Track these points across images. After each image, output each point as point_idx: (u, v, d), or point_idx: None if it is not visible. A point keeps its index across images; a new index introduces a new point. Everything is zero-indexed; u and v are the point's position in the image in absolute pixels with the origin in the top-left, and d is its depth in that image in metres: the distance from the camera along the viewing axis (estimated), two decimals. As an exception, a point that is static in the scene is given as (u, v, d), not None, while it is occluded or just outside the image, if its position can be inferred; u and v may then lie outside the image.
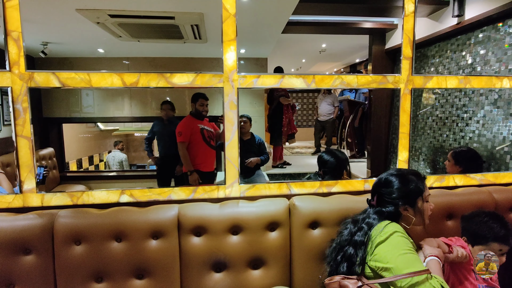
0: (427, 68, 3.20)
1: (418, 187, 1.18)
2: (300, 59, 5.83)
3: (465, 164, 2.00)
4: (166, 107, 3.25)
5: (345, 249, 1.17)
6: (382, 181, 1.23)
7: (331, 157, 1.91)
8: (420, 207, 1.18)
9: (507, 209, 1.65)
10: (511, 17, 2.20)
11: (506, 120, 2.21)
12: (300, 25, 3.23)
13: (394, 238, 1.07)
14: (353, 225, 1.21)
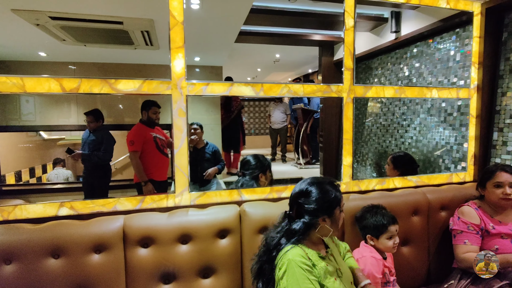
0: (371, 79, 3.45)
1: (337, 197, 1.15)
2: (255, 69, 5.95)
3: (402, 167, 2.17)
4: (88, 119, 2.98)
5: (264, 266, 1.12)
6: (301, 192, 1.16)
7: (253, 160, 2.02)
8: (337, 217, 1.15)
9: (438, 208, 1.82)
10: (439, 34, 2.46)
11: (438, 127, 2.45)
12: (253, 35, 3.30)
13: (289, 272, 1.04)
14: (271, 241, 1.15)
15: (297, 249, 1.08)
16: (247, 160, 2.07)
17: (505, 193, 1.56)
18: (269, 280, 1.10)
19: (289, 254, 1.07)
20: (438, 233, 1.80)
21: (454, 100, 2.25)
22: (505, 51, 1.98)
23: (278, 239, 1.13)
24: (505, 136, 1.99)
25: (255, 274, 1.15)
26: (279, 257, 1.09)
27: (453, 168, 2.27)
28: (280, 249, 1.11)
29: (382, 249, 1.44)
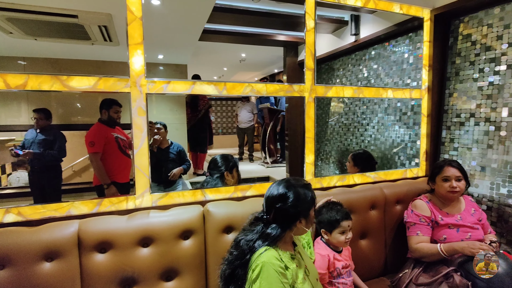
0: (333, 79, 3.56)
1: (313, 198, 1.18)
2: (221, 68, 5.91)
3: (362, 164, 2.27)
4: (38, 116, 2.81)
5: (237, 271, 1.11)
6: (278, 196, 1.15)
7: (220, 160, 2.05)
8: (312, 217, 1.19)
9: (394, 202, 1.93)
10: (394, 38, 2.60)
11: (394, 126, 2.59)
12: (218, 34, 3.28)
13: (263, 275, 1.04)
14: (246, 244, 1.13)
15: (271, 251, 1.09)
16: (214, 160, 2.07)
17: (451, 186, 1.68)
18: (242, 285, 1.09)
19: (264, 256, 1.07)
20: (393, 225, 1.90)
21: (408, 100, 2.39)
22: (452, 55, 2.14)
23: (253, 243, 1.12)
24: (452, 134, 2.16)
25: (226, 279, 1.12)
26: (253, 259, 1.09)
27: (408, 164, 2.42)
28: (254, 251, 1.10)
29: (335, 244, 1.48)
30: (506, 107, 1.84)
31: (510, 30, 1.82)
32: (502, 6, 1.85)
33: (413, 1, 2.04)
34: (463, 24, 2.07)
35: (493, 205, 1.92)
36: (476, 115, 2.00)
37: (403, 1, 2.02)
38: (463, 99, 2.08)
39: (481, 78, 1.97)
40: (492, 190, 1.92)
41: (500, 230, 1.89)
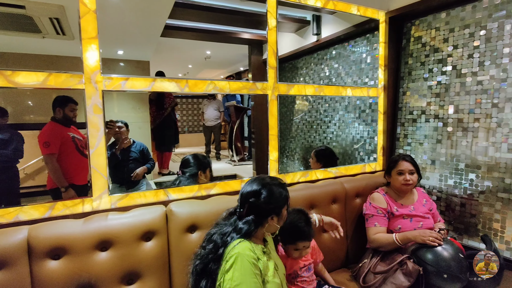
0: (297, 78, 3.64)
1: (286, 197, 1.22)
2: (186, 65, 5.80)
3: (324, 160, 2.35)
4: None
5: (209, 264, 1.12)
6: (253, 192, 1.19)
7: (193, 159, 2.04)
8: (284, 215, 1.22)
9: (354, 195, 2.01)
10: (353, 39, 2.71)
11: (354, 123, 2.70)
12: (181, 30, 3.21)
13: (237, 265, 1.06)
14: (220, 238, 1.17)
15: (246, 243, 1.12)
16: (187, 159, 2.06)
17: (405, 180, 1.79)
18: (214, 280, 1.10)
19: (238, 247, 1.09)
20: (354, 218, 1.99)
21: (366, 98, 2.51)
22: (405, 55, 2.28)
23: (227, 236, 1.15)
24: (406, 130, 2.30)
25: (198, 274, 1.14)
26: (227, 251, 1.11)
27: (367, 159, 2.54)
28: (227, 245, 1.13)
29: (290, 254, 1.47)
30: (452, 104, 1.99)
31: (455, 33, 1.97)
32: (448, 11, 2.00)
33: (370, 4, 2.14)
34: (415, 27, 2.21)
35: (442, 196, 2.07)
36: (427, 112, 2.15)
37: (360, 3, 2.11)
38: (415, 97, 2.23)
39: (431, 77, 2.12)
40: (441, 182, 2.07)
41: (448, 218, 2.05)
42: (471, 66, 1.89)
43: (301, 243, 1.40)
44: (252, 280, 1.07)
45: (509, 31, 1.72)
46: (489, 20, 1.80)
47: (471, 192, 1.91)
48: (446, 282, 1.50)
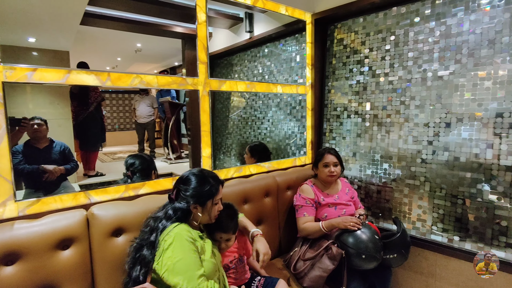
0: (232, 74, 3.65)
1: (211, 190, 1.28)
2: (115, 57, 5.38)
3: (258, 155, 2.41)
4: None
5: (143, 251, 1.17)
6: (183, 178, 1.31)
7: (138, 159, 1.91)
8: (208, 208, 1.29)
9: (285, 188, 2.10)
10: (284, 38, 2.82)
11: (286, 119, 2.82)
12: (106, 19, 2.96)
13: (176, 243, 1.14)
14: (154, 222, 1.24)
15: (183, 225, 1.21)
16: (133, 162, 1.96)
17: (330, 171, 1.93)
18: (148, 264, 1.14)
19: (176, 229, 1.17)
20: (285, 210, 2.09)
21: (296, 95, 2.63)
22: (329, 56, 2.45)
23: (159, 221, 1.22)
24: (331, 125, 2.48)
25: (133, 259, 1.19)
26: (164, 234, 1.17)
27: (298, 153, 2.67)
28: (163, 229, 1.19)
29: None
30: (369, 102, 2.21)
31: (370, 37, 2.18)
32: (364, 17, 2.20)
33: (298, 5, 2.25)
34: (337, 29, 2.39)
35: (362, 184, 2.29)
36: (348, 109, 2.35)
37: (289, 4, 2.20)
38: (338, 95, 2.41)
39: (351, 77, 2.31)
40: (361, 172, 2.29)
41: (367, 204, 2.27)
42: (384, 68, 2.11)
43: (219, 234, 1.42)
44: (192, 255, 1.15)
45: (412, 37, 1.96)
46: (397, 27, 2.03)
47: (385, 180, 2.15)
48: (364, 262, 1.67)
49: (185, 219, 1.25)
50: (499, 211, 1.67)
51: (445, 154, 1.85)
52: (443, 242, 1.88)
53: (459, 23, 1.77)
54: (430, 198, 1.93)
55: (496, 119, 1.66)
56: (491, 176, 1.69)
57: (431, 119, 1.90)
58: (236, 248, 1.55)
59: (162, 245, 1.14)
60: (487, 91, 1.68)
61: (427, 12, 1.89)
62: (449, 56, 1.81)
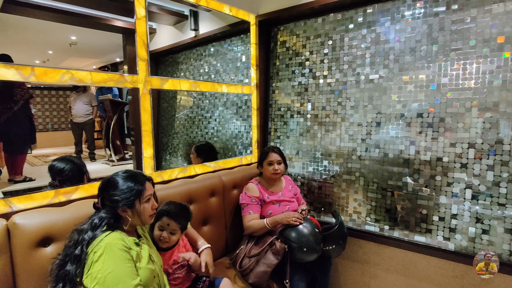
0: (178, 73, 3.56)
1: (137, 190, 1.19)
2: (46, 50, 4.89)
3: (204, 155, 2.39)
4: None
5: (66, 266, 1.07)
6: (105, 183, 1.20)
7: (67, 164, 1.73)
8: (138, 209, 1.20)
9: (231, 187, 2.12)
10: (229, 38, 2.82)
11: (232, 118, 2.83)
12: (31, 8, 2.68)
13: (107, 254, 1.06)
14: (78, 235, 1.12)
15: (115, 233, 1.12)
16: (61, 168, 1.71)
17: (274, 169, 1.99)
18: (73, 280, 1.05)
19: (107, 238, 1.09)
20: (232, 209, 2.10)
21: (242, 95, 2.66)
22: (273, 57, 2.52)
23: (85, 233, 1.11)
24: (275, 125, 2.55)
25: (56, 277, 1.08)
26: (93, 245, 1.08)
27: (244, 152, 2.70)
28: (91, 240, 1.10)
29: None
30: (310, 102, 2.32)
31: (310, 41, 2.29)
32: (305, 21, 2.30)
33: (242, 6, 2.27)
34: (280, 32, 2.47)
35: (304, 181, 2.40)
36: (291, 109, 2.44)
37: (233, 4, 2.21)
38: (282, 96, 2.49)
39: (293, 78, 2.41)
40: (303, 169, 2.40)
41: (309, 200, 2.38)
42: (322, 70, 2.23)
43: (167, 219, 1.42)
44: (125, 266, 1.08)
45: (347, 42, 2.11)
46: (334, 32, 2.16)
47: (325, 176, 2.28)
48: (306, 254, 1.75)
49: (117, 226, 1.17)
50: (420, 201, 1.87)
51: (376, 151, 2.02)
52: (376, 232, 2.05)
53: (387, 32, 1.95)
54: (364, 192, 2.09)
55: (417, 118, 1.86)
56: (413, 170, 1.89)
57: (364, 119, 2.06)
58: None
59: (91, 257, 1.06)
60: (410, 94, 1.88)
61: (360, 19, 2.04)
62: (378, 61, 1.98)
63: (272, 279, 1.81)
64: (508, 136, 1.59)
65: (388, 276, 2.00)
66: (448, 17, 1.74)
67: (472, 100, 1.68)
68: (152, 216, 1.26)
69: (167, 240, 1.42)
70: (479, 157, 1.67)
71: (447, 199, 1.78)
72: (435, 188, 1.82)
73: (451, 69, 1.73)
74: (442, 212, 1.80)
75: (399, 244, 1.94)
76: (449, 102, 1.75)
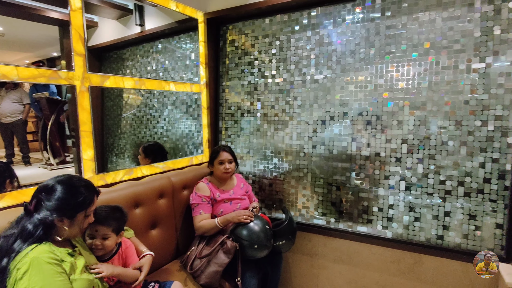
0: (123, 70, 3.37)
1: (84, 202, 1.13)
2: (-34, 41, 4.31)
3: (153, 156, 2.30)
4: None
5: None
6: (47, 187, 1.11)
7: None
8: (78, 221, 1.13)
9: (181, 188, 2.07)
10: (178, 35, 2.75)
11: (182, 117, 2.76)
12: None
13: (33, 270, 0.96)
14: (6, 243, 1.01)
15: (43, 246, 1.02)
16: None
17: (225, 168, 1.98)
18: None
19: (33, 253, 0.98)
20: (182, 210, 2.05)
21: (192, 93, 2.61)
22: (222, 56, 2.51)
23: (14, 240, 1.01)
24: (226, 124, 2.55)
25: None
26: (16, 261, 0.97)
27: (195, 152, 2.66)
28: (16, 254, 0.99)
29: None
30: (259, 101, 2.35)
31: (259, 41, 2.32)
32: (253, 21, 2.33)
33: (189, 3, 2.22)
34: (229, 30, 2.46)
35: (256, 179, 2.43)
36: (241, 107, 2.45)
37: (180, 1, 2.15)
38: (232, 94, 2.50)
39: (243, 77, 2.42)
40: (255, 167, 2.43)
41: (261, 197, 2.42)
42: (271, 70, 2.28)
43: (93, 225, 1.30)
44: (55, 280, 0.98)
45: (293, 43, 2.18)
46: (281, 33, 2.22)
47: (276, 173, 2.33)
48: (257, 251, 1.78)
49: (46, 237, 1.06)
50: (362, 193, 2.01)
51: (322, 147, 2.12)
52: (323, 225, 2.15)
53: (330, 34, 2.05)
54: (311, 187, 2.18)
55: (358, 117, 1.99)
56: (356, 165, 2.01)
57: (310, 118, 2.15)
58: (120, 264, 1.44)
59: (14, 274, 0.95)
60: (351, 94, 2.00)
61: (305, 22, 2.12)
62: (322, 62, 2.08)
63: (224, 278, 1.80)
64: (435, 132, 1.77)
65: (335, 266, 2.11)
66: (383, 23, 1.88)
67: (404, 99, 1.84)
68: (84, 229, 1.20)
69: (101, 247, 1.33)
70: (411, 152, 1.84)
71: (385, 191, 1.93)
72: (375, 181, 1.96)
73: (386, 71, 1.88)
74: (381, 203, 1.95)
75: (344, 235, 2.05)
76: (385, 102, 1.89)
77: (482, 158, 1.67)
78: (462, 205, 1.73)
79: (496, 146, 1.63)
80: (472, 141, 1.68)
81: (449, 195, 1.75)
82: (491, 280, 1.63)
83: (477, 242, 1.71)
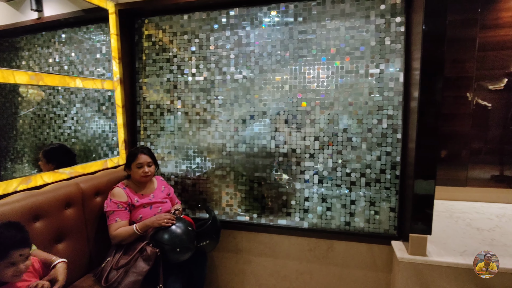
0: (18, 61, 2.90)
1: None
2: None
3: (57, 160, 2.04)
4: None
5: None
6: None
7: None
8: None
9: (93, 195, 1.89)
10: (86, 25, 2.48)
11: (94, 116, 2.51)
12: None
13: None
14: None
15: None
16: None
17: (144, 172, 1.88)
18: None
19: None
20: (95, 219, 1.88)
21: (105, 91, 2.39)
22: (138, 51, 2.36)
23: None
24: (145, 123, 2.41)
25: None
26: None
27: (111, 154, 2.45)
28: None
29: None
30: (180, 100, 2.29)
31: (177, 37, 2.25)
32: (171, 16, 2.24)
33: (97, -9, 2.02)
34: (145, 25, 2.32)
35: (178, 180, 2.37)
36: (161, 106, 2.35)
37: (85, -13, 1.94)
38: (150, 92, 2.37)
39: (162, 74, 2.32)
40: (177, 168, 2.36)
41: (184, 199, 2.37)
42: (191, 68, 2.23)
43: (17, 251, 1.15)
44: None
45: (213, 42, 2.17)
46: (200, 31, 2.19)
47: (198, 173, 2.30)
48: (180, 254, 1.73)
49: None
50: (281, 188, 2.12)
51: (243, 146, 2.17)
52: (246, 221, 2.22)
53: (248, 35, 2.10)
54: (234, 185, 2.22)
55: (276, 116, 2.09)
56: (275, 161, 2.12)
57: (232, 116, 2.17)
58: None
59: None
60: (269, 94, 2.09)
61: (224, 21, 2.13)
62: (241, 62, 2.12)
63: (144, 287, 1.71)
64: (341, 130, 1.97)
65: (259, 260, 2.19)
66: (296, 27, 2.00)
67: (315, 100, 2.00)
68: None
69: (24, 270, 1.18)
70: (321, 148, 2.01)
71: (301, 184, 2.07)
72: (292, 176, 2.09)
73: (300, 73, 2.01)
74: (298, 197, 2.09)
75: (266, 229, 2.15)
76: (299, 102, 2.03)
77: (379, 152, 1.92)
78: (364, 193, 1.97)
79: (388, 141, 1.90)
80: (371, 137, 1.93)
81: (354, 185, 1.98)
82: (386, 255, 1.90)
83: (376, 225, 1.97)
